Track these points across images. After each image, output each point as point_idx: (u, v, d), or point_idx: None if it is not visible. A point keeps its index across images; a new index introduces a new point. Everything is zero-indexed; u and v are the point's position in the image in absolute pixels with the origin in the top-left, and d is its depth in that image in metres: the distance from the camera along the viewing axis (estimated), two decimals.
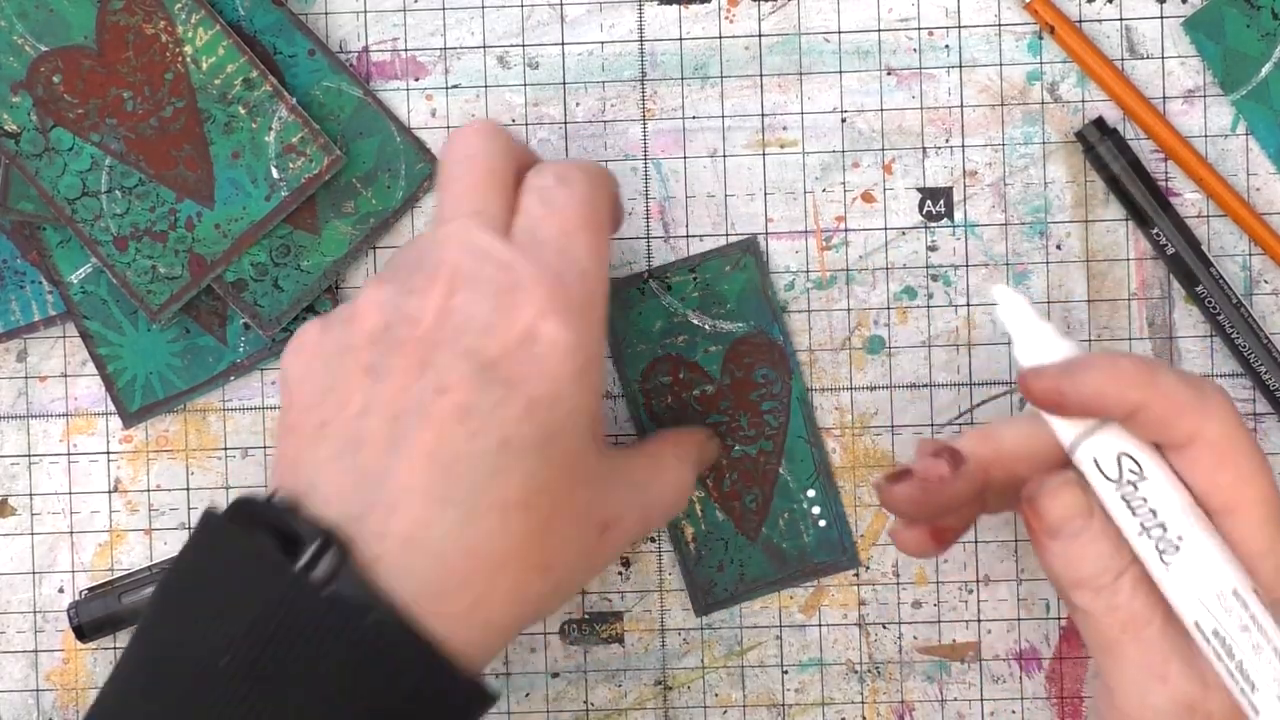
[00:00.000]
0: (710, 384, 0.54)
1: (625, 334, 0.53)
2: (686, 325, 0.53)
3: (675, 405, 0.54)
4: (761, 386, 0.54)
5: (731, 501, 0.54)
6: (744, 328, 0.53)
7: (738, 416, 0.54)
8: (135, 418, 0.56)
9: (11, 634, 0.57)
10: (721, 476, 0.54)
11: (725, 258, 0.53)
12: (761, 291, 0.53)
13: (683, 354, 0.54)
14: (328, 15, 0.56)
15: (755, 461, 0.54)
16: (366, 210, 0.55)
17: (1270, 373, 0.54)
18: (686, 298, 0.53)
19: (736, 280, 0.53)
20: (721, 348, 0.53)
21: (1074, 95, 0.55)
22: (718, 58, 0.55)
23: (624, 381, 0.54)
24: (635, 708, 0.56)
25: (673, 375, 0.54)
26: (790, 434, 0.54)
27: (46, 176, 0.54)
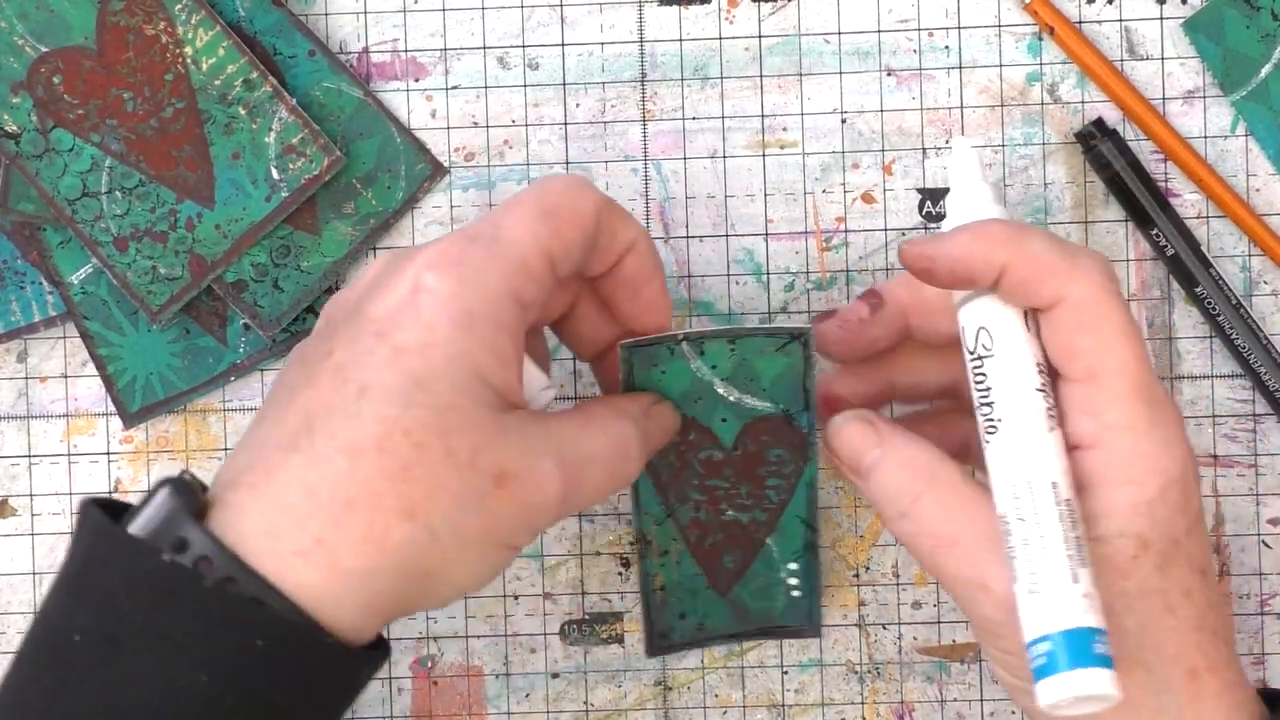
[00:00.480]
0: (720, 451, 0.51)
1: (644, 385, 0.50)
2: (710, 392, 0.50)
3: (676, 463, 0.51)
4: (772, 465, 0.52)
5: (710, 559, 0.53)
6: (771, 408, 0.51)
7: (739, 485, 0.52)
8: (135, 418, 0.56)
9: (11, 634, 0.57)
10: (706, 535, 0.52)
11: (771, 339, 0.50)
12: (801, 381, 0.50)
13: (697, 417, 0.51)
14: (328, 16, 0.56)
15: (744, 528, 0.53)
16: (366, 211, 0.56)
17: (1270, 373, 0.54)
18: (718, 366, 0.50)
19: (776, 363, 0.50)
20: (740, 421, 0.51)
21: (1074, 96, 0.55)
22: (718, 58, 0.55)
23: None
24: (635, 708, 0.56)
25: (682, 435, 0.51)
26: (788, 512, 0.52)
27: (47, 177, 0.54)
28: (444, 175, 0.56)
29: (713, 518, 0.52)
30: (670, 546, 0.53)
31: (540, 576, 0.56)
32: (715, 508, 0.52)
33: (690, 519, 0.52)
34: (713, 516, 0.52)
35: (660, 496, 0.52)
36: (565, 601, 0.56)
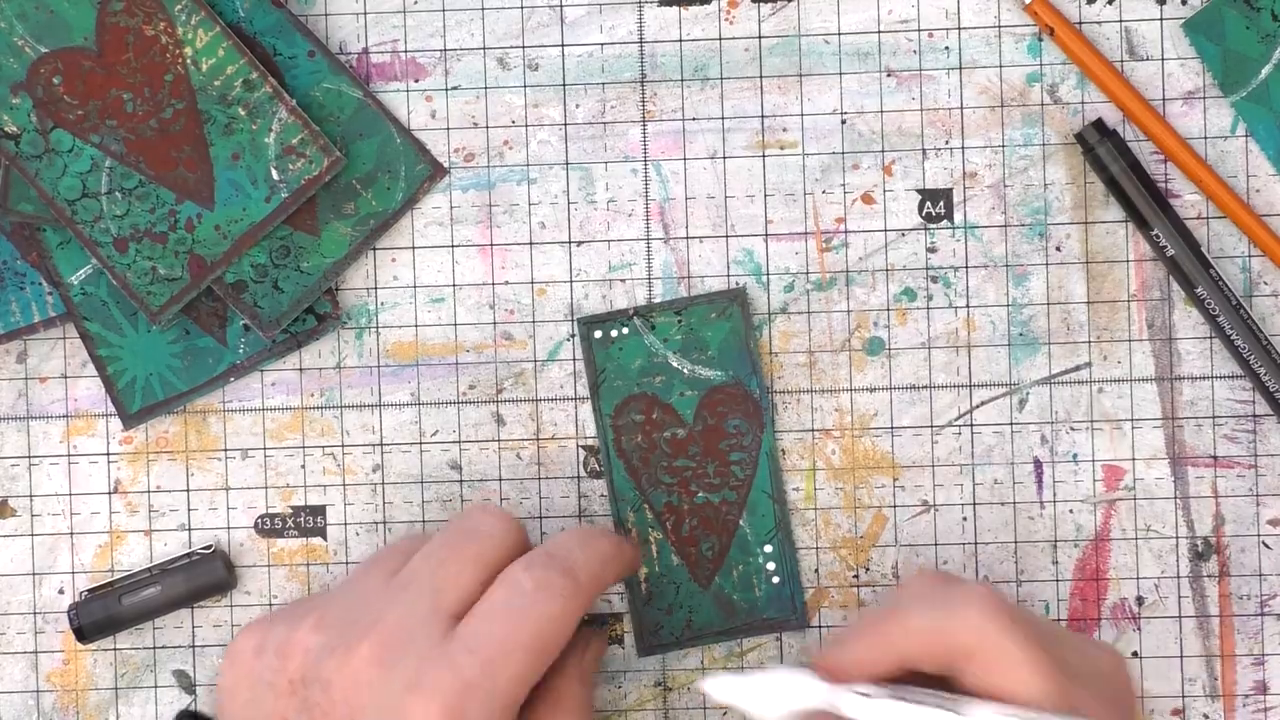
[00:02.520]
0: (682, 428, 0.54)
1: (604, 366, 0.54)
2: (665, 367, 0.54)
3: (645, 444, 0.54)
4: (732, 437, 0.54)
5: (689, 547, 0.54)
6: (721, 376, 0.54)
7: (705, 464, 0.54)
8: (135, 419, 0.56)
9: (12, 635, 0.57)
10: (681, 521, 0.54)
11: (712, 305, 0.53)
12: (744, 343, 0.53)
13: (658, 395, 0.54)
14: (328, 17, 0.56)
15: (717, 510, 0.54)
16: (366, 211, 0.55)
17: (1270, 374, 0.54)
18: (669, 339, 0.53)
19: (720, 328, 0.53)
20: (697, 393, 0.54)
21: (1074, 97, 0.55)
22: (718, 59, 0.55)
23: (596, 414, 0.54)
24: (635, 708, 0.56)
25: (645, 414, 0.54)
26: (755, 487, 0.54)
27: (47, 178, 0.54)
28: (444, 176, 0.56)
29: (685, 501, 0.54)
30: (649, 535, 0.54)
31: None
32: (686, 490, 0.54)
33: (664, 504, 0.54)
34: (685, 500, 0.54)
35: (633, 481, 0.54)
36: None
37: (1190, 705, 0.56)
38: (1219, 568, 0.55)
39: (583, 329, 0.53)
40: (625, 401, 0.54)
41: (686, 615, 0.54)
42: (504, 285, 0.56)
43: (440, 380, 0.56)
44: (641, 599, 0.54)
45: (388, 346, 0.56)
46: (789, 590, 0.54)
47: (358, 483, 0.56)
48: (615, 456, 0.54)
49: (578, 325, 0.52)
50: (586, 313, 0.55)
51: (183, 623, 0.56)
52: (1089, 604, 0.55)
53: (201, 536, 0.56)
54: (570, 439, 0.56)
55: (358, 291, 0.56)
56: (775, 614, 0.54)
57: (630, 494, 0.54)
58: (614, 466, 0.54)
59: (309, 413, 0.56)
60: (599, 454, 0.54)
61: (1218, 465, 0.55)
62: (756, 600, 0.54)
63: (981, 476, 0.55)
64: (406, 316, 0.56)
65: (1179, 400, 0.55)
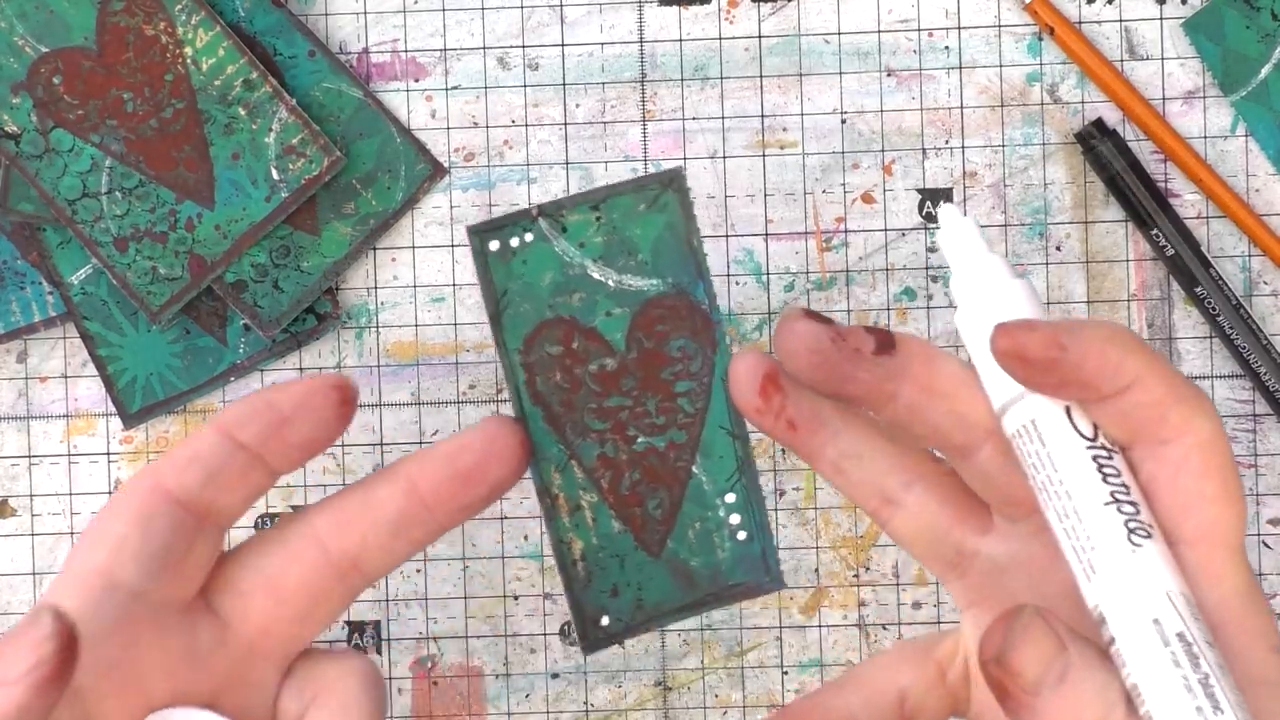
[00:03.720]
0: (611, 357, 0.42)
1: (506, 288, 0.41)
2: (585, 280, 0.41)
3: (566, 383, 0.41)
4: (677, 362, 0.42)
5: (631, 508, 0.43)
6: (659, 286, 0.41)
7: (644, 399, 0.42)
8: (135, 419, 0.56)
9: None
10: (620, 476, 0.42)
11: (639, 194, 0.41)
12: (685, 240, 0.41)
13: (578, 317, 0.41)
14: (328, 16, 0.56)
15: (663, 457, 0.42)
16: (366, 211, 0.56)
17: (1270, 373, 0.54)
18: (587, 243, 0.41)
19: (653, 223, 0.41)
20: (627, 311, 0.41)
21: (1074, 96, 0.55)
22: (718, 59, 0.55)
23: (501, 351, 0.41)
24: (635, 708, 0.56)
25: (564, 344, 0.41)
26: (709, 424, 0.42)
27: (47, 177, 0.54)
28: (444, 175, 0.56)
29: (623, 450, 0.42)
30: (581, 500, 0.42)
31: (540, 576, 0.56)
32: (623, 436, 0.42)
33: (597, 456, 0.42)
34: (622, 448, 0.42)
35: (556, 434, 0.42)
36: (565, 602, 0.56)
37: None
38: None
39: (475, 240, 0.40)
40: (536, 330, 0.42)
41: (636, 595, 0.43)
42: None
43: (440, 380, 0.56)
44: (580, 583, 0.43)
45: (388, 346, 0.56)
46: (759, 545, 0.43)
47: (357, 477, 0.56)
48: (530, 403, 0.41)
49: (468, 235, 0.40)
50: None
51: None
52: None
53: None
54: None
55: (358, 291, 0.56)
56: (745, 577, 0.43)
57: (553, 450, 0.42)
58: (529, 416, 0.41)
59: None
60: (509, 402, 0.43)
61: None
62: (720, 563, 0.43)
63: None
64: (406, 316, 0.56)
65: None
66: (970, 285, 0.37)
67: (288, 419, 0.37)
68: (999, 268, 0.37)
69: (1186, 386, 0.35)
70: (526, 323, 0.42)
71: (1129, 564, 0.34)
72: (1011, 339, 0.35)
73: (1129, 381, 0.35)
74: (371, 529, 0.38)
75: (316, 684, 0.38)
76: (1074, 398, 0.35)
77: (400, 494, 0.38)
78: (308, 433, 0.38)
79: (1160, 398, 0.35)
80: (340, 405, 0.38)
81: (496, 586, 0.56)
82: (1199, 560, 0.35)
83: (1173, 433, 0.35)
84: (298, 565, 0.38)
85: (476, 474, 0.38)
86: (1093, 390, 0.35)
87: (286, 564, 0.38)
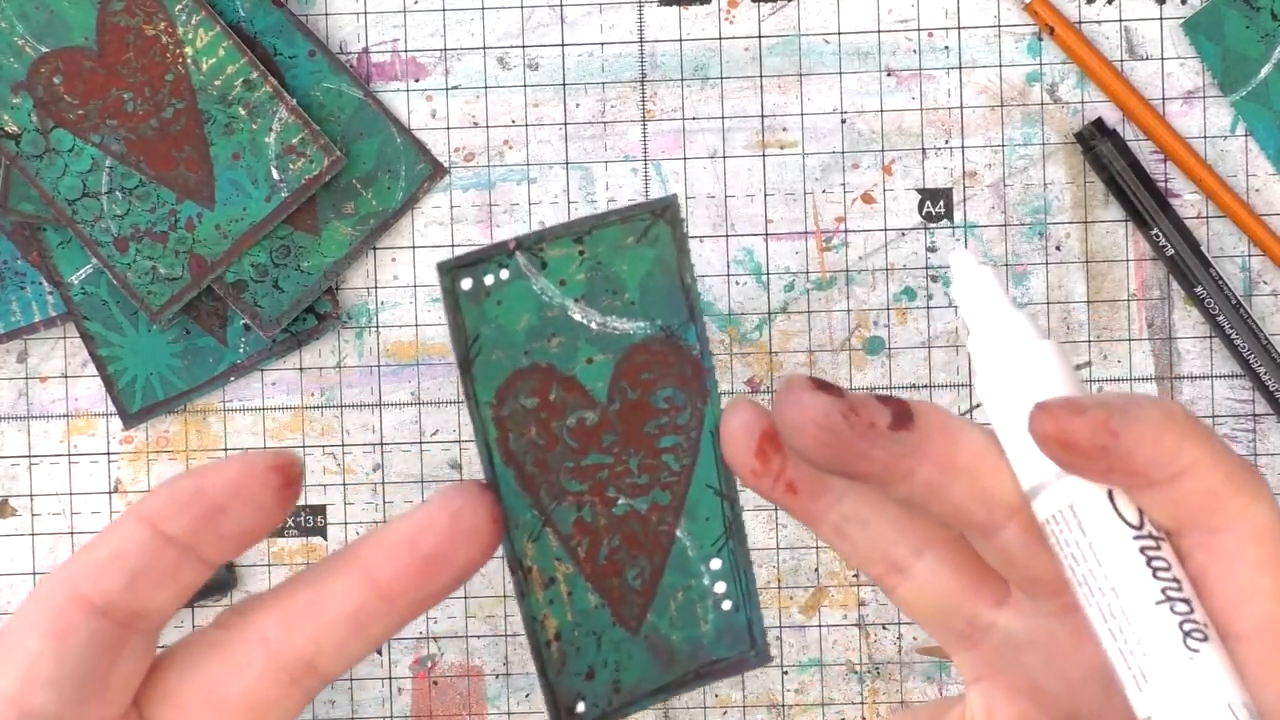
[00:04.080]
0: (592, 410, 0.37)
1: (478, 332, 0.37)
2: (564, 322, 0.37)
3: (541, 439, 0.37)
4: (663, 414, 0.38)
5: (609, 578, 0.39)
6: (646, 329, 0.37)
7: (626, 457, 0.38)
8: (136, 418, 0.56)
9: None
10: (598, 544, 0.38)
11: (627, 225, 0.37)
12: (677, 277, 0.37)
13: (556, 365, 0.37)
14: (328, 16, 0.56)
15: (645, 520, 0.38)
16: (366, 211, 0.56)
17: (1270, 373, 0.54)
18: (568, 281, 0.37)
19: (642, 258, 0.37)
20: (611, 357, 0.37)
21: (1073, 96, 0.55)
22: (718, 59, 0.55)
23: (471, 404, 0.37)
24: None
25: (540, 395, 0.37)
26: (695, 482, 0.38)
27: (47, 177, 0.54)
28: (444, 175, 0.56)
29: (601, 515, 0.38)
30: (556, 572, 0.38)
31: None
32: (602, 498, 0.38)
33: (573, 522, 0.38)
34: (601, 513, 0.38)
35: (529, 498, 0.38)
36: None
37: None
38: None
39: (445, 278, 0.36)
40: (510, 380, 0.37)
41: (613, 676, 0.39)
42: None
43: (440, 380, 0.56)
44: (554, 666, 0.38)
45: (388, 346, 0.56)
46: (744, 616, 0.39)
47: (358, 482, 0.56)
48: (501, 463, 0.37)
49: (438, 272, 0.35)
50: None
51: (182, 622, 0.56)
52: None
53: None
54: None
55: (358, 291, 0.56)
56: (729, 651, 0.39)
57: (526, 516, 0.37)
58: (500, 478, 0.37)
59: (309, 412, 0.56)
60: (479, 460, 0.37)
61: None
62: (702, 638, 0.39)
63: None
64: (407, 316, 0.56)
65: (1179, 399, 0.55)
66: (992, 349, 0.34)
67: (221, 508, 0.33)
68: (1024, 328, 0.34)
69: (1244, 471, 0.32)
70: (500, 372, 0.37)
71: (1186, 672, 0.32)
72: (1056, 423, 0.31)
73: (1184, 468, 0.32)
74: (325, 629, 0.33)
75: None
76: (1120, 484, 0.32)
77: (356, 587, 0.33)
78: (245, 523, 0.33)
79: (1216, 485, 0.32)
80: (281, 489, 0.33)
81: (496, 586, 0.56)
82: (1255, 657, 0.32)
83: (1227, 521, 0.32)
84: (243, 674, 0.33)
85: (441, 559, 0.34)
86: (1142, 477, 0.32)
87: (230, 673, 0.33)
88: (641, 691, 0.39)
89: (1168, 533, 0.33)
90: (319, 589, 0.34)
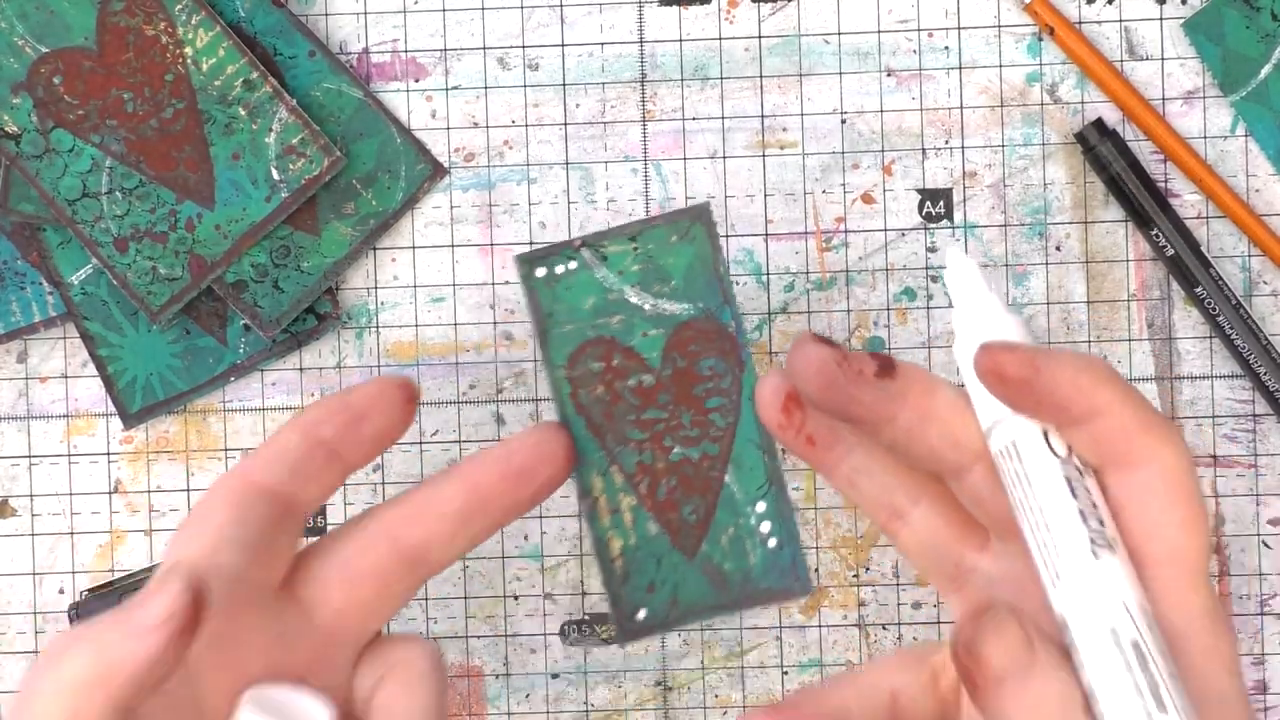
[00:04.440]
0: (649, 374, 0.46)
1: (551, 310, 0.46)
2: (623, 304, 0.46)
3: (607, 396, 0.46)
4: (708, 380, 0.46)
5: (668, 512, 0.47)
6: (690, 310, 0.46)
7: (679, 414, 0.47)
8: (136, 419, 0.56)
9: (12, 635, 0.57)
10: (657, 483, 0.46)
11: (671, 226, 0.46)
12: (712, 268, 0.46)
13: (618, 337, 0.46)
14: (328, 16, 0.56)
15: (698, 467, 0.46)
16: (366, 211, 0.56)
17: (1270, 373, 0.54)
18: (625, 271, 0.46)
19: (684, 253, 0.46)
20: (663, 332, 0.46)
21: (1074, 96, 0.55)
22: (718, 59, 0.55)
23: (548, 366, 0.46)
24: (635, 708, 0.56)
25: (605, 361, 0.46)
26: (739, 437, 0.46)
27: (47, 178, 0.54)
28: (444, 175, 0.56)
29: (660, 459, 0.46)
30: (620, 503, 0.47)
31: (540, 577, 0.56)
32: (660, 446, 0.46)
33: (636, 464, 0.47)
34: (659, 457, 0.46)
35: (598, 440, 0.46)
36: (565, 602, 0.56)
37: None
38: (1219, 567, 0.55)
39: (523, 268, 0.45)
40: (580, 349, 0.47)
41: (671, 592, 0.47)
42: (504, 285, 0.56)
43: (440, 380, 0.56)
44: (618, 578, 0.46)
45: (388, 346, 0.56)
46: (789, 554, 0.46)
47: (358, 482, 0.56)
48: (574, 413, 0.46)
49: (517, 264, 0.45)
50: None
51: None
52: None
53: None
54: None
55: (358, 291, 0.56)
56: (774, 582, 0.46)
57: (595, 455, 0.46)
58: (573, 424, 0.46)
59: None
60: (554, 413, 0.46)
61: (1217, 465, 0.55)
62: (751, 569, 0.46)
63: None
64: (407, 316, 0.56)
65: (1179, 400, 0.55)
66: (968, 319, 0.40)
67: (362, 415, 0.42)
68: (995, 304, 0.40)
69: (1155, 416, 0.38)
70: (570, 341, 0.46)
71: (1090, 573, 0.37)
72: (991, 358, 0.37)
73: (1100, 408, 0.37)
74: (435, 523, 0.41)
75: (386, 663, 0.41)
76: (1049, 420, 0.38)
77: (460, 492, 0.42)
78: (380, 426, 0.42)
79: (1129, 425, 0.37)
80: (406, 403, 0.42)
81: (496, 586, 0.56)
82: (1163, 582, 0.37)
83: (1140, 460, 0.37)
84: (371, 555, 0.41)
85: (528, 474, 0.43)
86: (1065, 414, 0.37)
87: (361, 554, 0.41)
88: (698, 609, 0.47)
89: (1095, 470, 0.38)
90: (432, 493, 0.42)
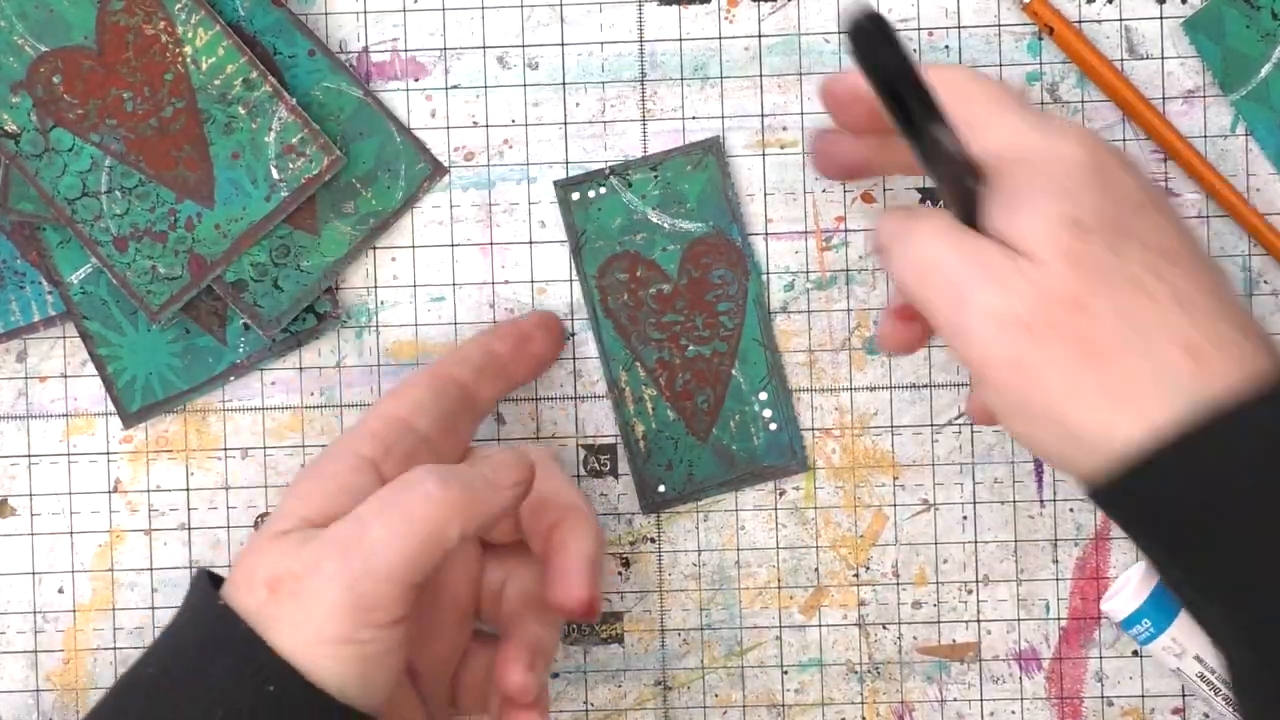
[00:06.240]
0: (667, 283, 0.55)
1: (584, 228, 0.55)
2: (645, 223, 0.55)
3: (631, 302, 0.55)
4: (718, 287, 0.55)
5: (683, 401, 0.55)
6: (702, 228, 0.55)
7: (693, 317, 0.55)
8: (135, 418, 0.56)
9: (11, 634, 0.57)
10: (674, 376, 0.55)
11: (687, 157, 0.55)
12: (722, 192, 0.54)
13: (640, 251, 0.55)
14: (328, 16, 0.56)
15: (709, 362, 0.55)
16: (366, 210, 0.56)
17: None
18: (647, 195, 0.55)
19: (697, 180, 0.54)
20: (679, 247, 0.55)
21: (1074, 96, 0.55)
22: (717, 58, 0.55)
23: (581, 276, 0.55)
24: (635, 708, 0.56)
25: (630, 272, 0.55)
26: (744, 336, 0.55)
27: (46, 177, 0.54)
28: (444, 175, 0.56)
29: (676, 356, 0.55)
30: (643, 393, 0.55)
31: None
32: (676, 345, 0.55)
33: (656, 360, 0.55)
34: (676, 354, 0.55)
35: (623, 340, 0.55)
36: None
37: (1190, 704, 0.56)
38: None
39: (560, 192, 0.55)
40: (608, 261, 0.55)
41: (687, 469, 0.55)
42: (504, 284, 0.56)
43: None
44: (641, 457, 0.55)
45: (388, 346, 0.56)
46: (787, 436, 0.55)
47: None
48: (603, 316, 0.55)
49: (555, 189, 0.54)
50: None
51: None
52: (1089, 603, 0.55)
53: (201, 536, 0.57)
54: (570, 438, 0.56)
55: (358, 291, 0.56)
56: (775, 460, 0.55)
57: (621, 353, 0.55)
58: (602, 326, 0.55)
59: (309, 412, 0.56)
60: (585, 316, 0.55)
61: None
62: (755, 449, 0.55)
63: (981, 475, 0.55)
64: (406, 316, 0.56)
65: None
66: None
67: (528, 335, 0.53)
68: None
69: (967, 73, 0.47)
70: (600, 255, 0.55)
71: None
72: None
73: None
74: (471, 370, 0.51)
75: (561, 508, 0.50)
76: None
77: (478, 351, 0.52)
78: (540, 347, 0.54)
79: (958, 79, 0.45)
80: (559, 333, 0.55)
81: None
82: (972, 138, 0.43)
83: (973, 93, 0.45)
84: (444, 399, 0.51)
85: (532, 339, 0.53)
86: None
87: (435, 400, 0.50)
88: (710, 483, 0.55)
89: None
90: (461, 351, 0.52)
